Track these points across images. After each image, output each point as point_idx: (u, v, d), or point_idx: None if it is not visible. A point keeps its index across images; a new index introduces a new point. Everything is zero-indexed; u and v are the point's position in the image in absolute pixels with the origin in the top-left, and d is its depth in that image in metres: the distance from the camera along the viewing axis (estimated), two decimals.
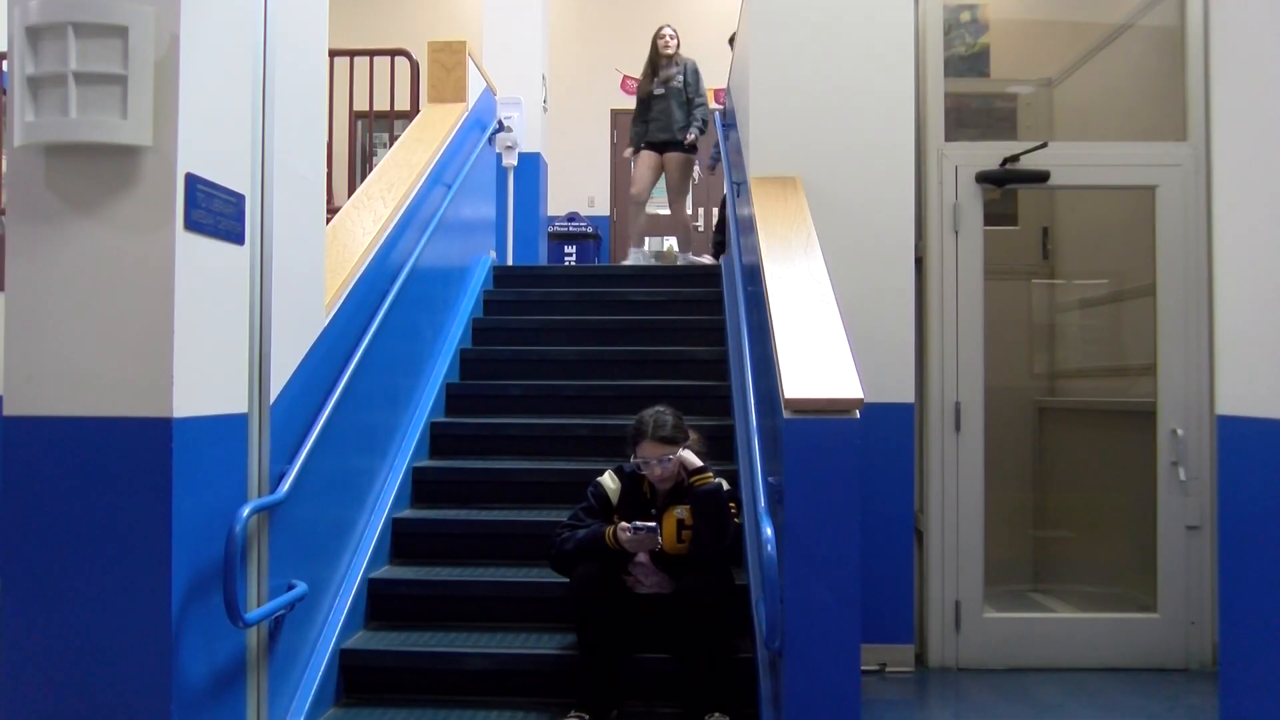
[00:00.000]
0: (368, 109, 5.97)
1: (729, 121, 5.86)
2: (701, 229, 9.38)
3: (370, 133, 6.48)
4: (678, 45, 6.92)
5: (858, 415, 2.67)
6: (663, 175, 6.99)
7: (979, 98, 4.89)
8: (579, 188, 4.72)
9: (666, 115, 6.75)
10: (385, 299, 3.78)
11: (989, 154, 4.25)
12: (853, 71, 4.16)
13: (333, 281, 3.34)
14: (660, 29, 6.92)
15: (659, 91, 6.76)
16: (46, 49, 2.24)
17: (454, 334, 4.92)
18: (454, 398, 4.66)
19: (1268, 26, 2.31)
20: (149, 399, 2.29)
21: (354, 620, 3.41)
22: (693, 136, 6.77)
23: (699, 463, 3.21)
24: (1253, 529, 2.32)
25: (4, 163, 2.86)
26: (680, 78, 6.75)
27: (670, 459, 3.17)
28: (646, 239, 9.03)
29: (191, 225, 2.36)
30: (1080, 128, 4.89)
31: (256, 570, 2.74)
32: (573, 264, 8.04)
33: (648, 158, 6.85)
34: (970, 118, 4.80)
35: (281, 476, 2.82)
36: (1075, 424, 5.07)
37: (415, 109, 5.62)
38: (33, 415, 2.30)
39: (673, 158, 6.82)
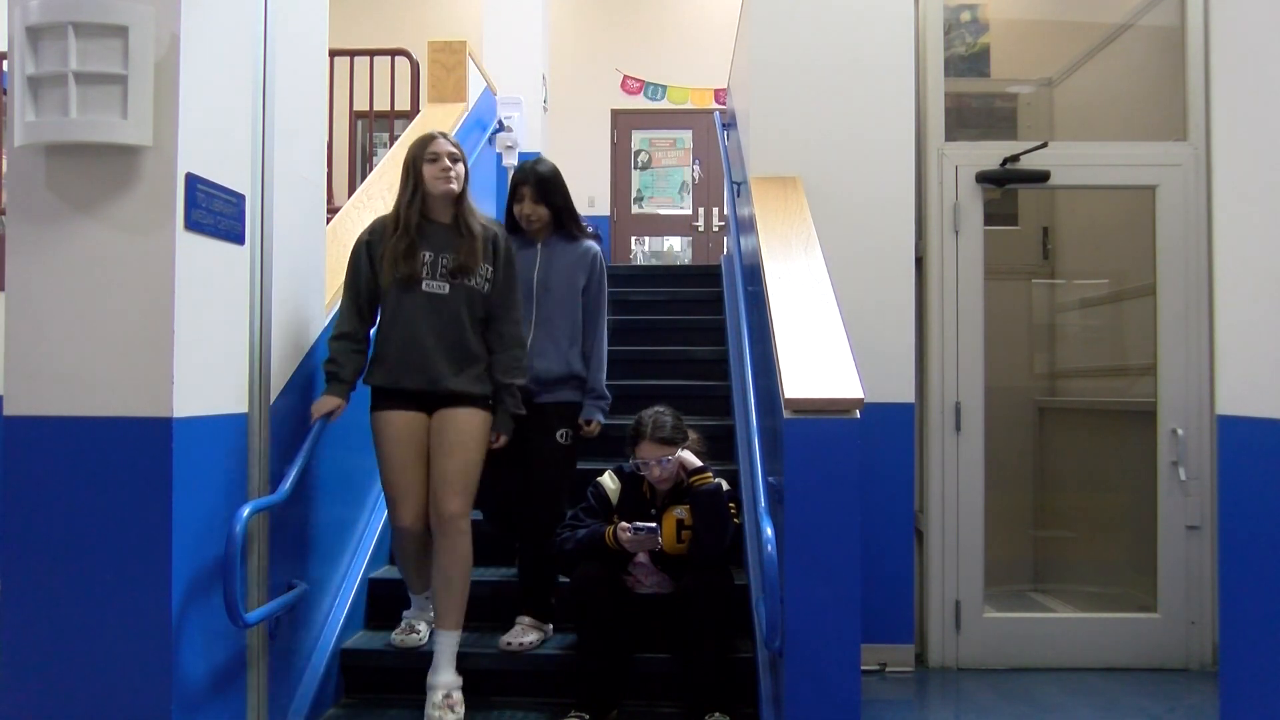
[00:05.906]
0: (368, 109, 5.98)
1: (729, 121, 5.85)
2: (702, 228, 9.34)
3: (370, 133, 6.49)
4: (466, 179, 3.07)
5: (858, 415, 2.67)
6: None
7: (979, 98, 4.89)
8: (579, 188, 4.70)
9: (449, 334, 3.01)
10: None
11: (989, 154, 4.25)
12: (853, 71, 4.16)
13: (333, 281, 3.34)
14: (431, 142, 3.04)
15: (438, 289, 2.98)
16: (46, 49, 2.24)
17: None
18: None
19: (1268, 26, 2.31)
20: (149, 399, 2.29)
21: (354, 620, 3.41)
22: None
23: (699, 463, 3.21)
24: (1253, 529, 2.31)
25: (4, 163, 2.86)
26: (488, 270, 3.06)
27: (670, 459, 3.17)
28: (647, 239, 8.81)
29: (191, 225, 2.37)
30: (1080, 128, 4.89)
31: (256, 570, 2.74)
32: None
33: (403, 425, 3.02)
34: (970, 118, 4.80)
35: (281, 476, 2.83)
36: (1075, 424, 5.07)
37: (415, 109, 5.63)
38: (33, 415, 2.30)
39: (463, 416, 3.02)
